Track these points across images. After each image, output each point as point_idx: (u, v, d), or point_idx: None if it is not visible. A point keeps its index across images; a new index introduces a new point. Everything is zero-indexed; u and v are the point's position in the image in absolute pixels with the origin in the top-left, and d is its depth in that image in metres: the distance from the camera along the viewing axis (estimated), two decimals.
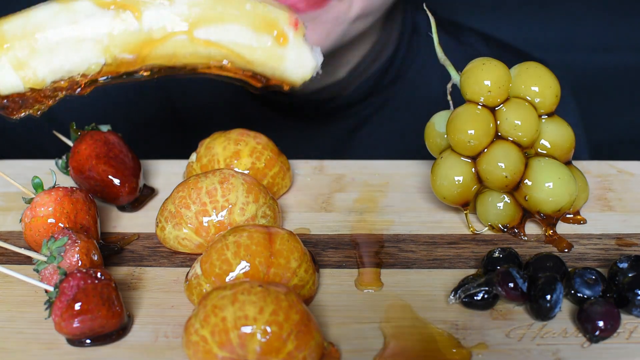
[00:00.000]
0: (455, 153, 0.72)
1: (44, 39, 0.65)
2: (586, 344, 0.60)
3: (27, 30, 0.65)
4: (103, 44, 0.66)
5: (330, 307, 0.65)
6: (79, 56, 0.66)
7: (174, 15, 0.66)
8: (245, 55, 0.68)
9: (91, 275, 0.60)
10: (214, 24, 0.66)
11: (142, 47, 0.66)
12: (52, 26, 0.65)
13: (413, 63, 1.12)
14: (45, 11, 0.66)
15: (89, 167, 0.76)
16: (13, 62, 0.66)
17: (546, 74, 0.72)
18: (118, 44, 0.66)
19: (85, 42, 0.65)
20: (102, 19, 0.65)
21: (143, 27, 0.65)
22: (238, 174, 0.71)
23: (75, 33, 0.65)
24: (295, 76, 0.70)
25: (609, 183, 0.80)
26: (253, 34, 0.67)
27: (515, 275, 0.62)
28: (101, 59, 0.66)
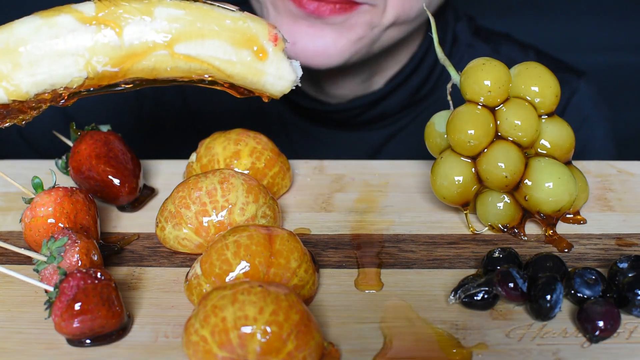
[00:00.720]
0: (455, 153, 0.72)
1: (26, 53, 0.66)
2: (586, 344, 0.60)
3: (9, 44, 0.66)
4: (85, 59, 0.67)
5: (330, 307, 0.65)
6: (61, 70, 0.67)
7: (154, 31, 0.67)
8: (225, 70, 0.69)
9: (91, 275, 0.60)
10: (194, 40, 0.67)
11: (123, 62, 0.67)
12: (35, 41, 0.66)
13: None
14: (27, 25, 0.67)
15: (89, 167, 0.76)
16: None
17: (546, 73, 0.72)
18: (100, 59, 0.67)
19: (67, 56, 0.67)
20: (84, 34, 0.66)
21: (124, 43, 0.67)
22: (238, 174, 0.71)
23: (58, 48, 0.66)
24: (274, 89, 0.71)
25: (609, 183, 0.80)
26: (233, 49, 0.68)
27: (515, 275, 0.62)
28: (83, 73, 0.68)
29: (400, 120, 1.10)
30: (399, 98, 1.08)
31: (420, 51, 1.07)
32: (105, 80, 0.68)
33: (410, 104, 1.09)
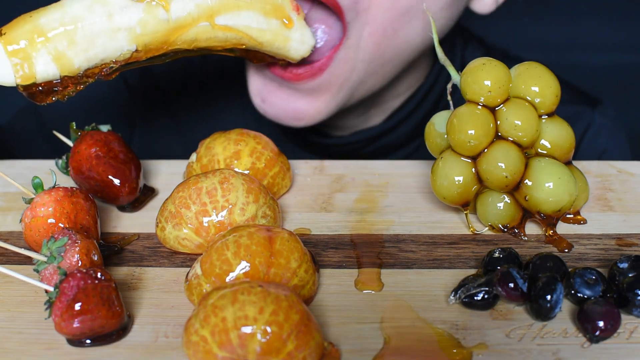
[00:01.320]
0: (455, 153, 0.72)
1: (82, 31, 0.70)
2: (586, 344, 0.60)
3: (65, 23, 0.70)
4: (135, 33, 0.72)
5: (330, 307, 0.65)
6: (113, 45, 0.72)
7: (197, 5, 0.73)
8: (257, 38, 0.76)
9: (91, 275, 0.60)
10: (232, 12, 0.74)
11: (169, 34, 0.73)
12: (89, 18, 0.70)
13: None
14: (80, 4, 0.70)
15: (89, 167, 0.76)
16: (52, 53, 0.70)
17: (546, 74, 0.72)
18: (149, 33, 0.72)
19: (120, 32, 0.71)
20: (135, 11, 0.71)
21: (171, 17, 0.72)
22: (238, 174, 0.71)
23: (112, 24, 0.71)
24: (297, 54, 0.81)
25: (609, 183, 0.80)
26: (264, 19, 0.76)
27: (516, 276, 0.62)
28: (132, 46, 0.72)
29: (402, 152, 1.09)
30: (402, 132, 1.06)
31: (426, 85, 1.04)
32: (151, 52, 0.74)
33: (414, 136, 1.07)
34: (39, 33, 0.70)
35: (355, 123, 1.05)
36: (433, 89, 1.05)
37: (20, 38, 0.70)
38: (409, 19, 0.87)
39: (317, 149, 1.08)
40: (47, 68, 0.71)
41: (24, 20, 0.71)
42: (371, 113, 1.05)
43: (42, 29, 0.70)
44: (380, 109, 1.05)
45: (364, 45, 0.88)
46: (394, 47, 0.90)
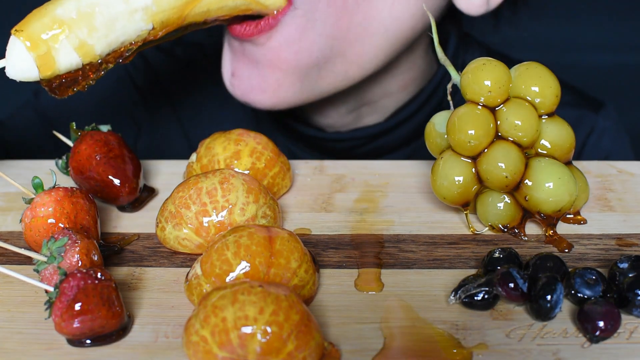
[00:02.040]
0: (455, 153, 0.72)
1: (101, 16, 0.71)
2: (586, 344, 0.60)
3: (82, 11, 0.70)
4: (152, 11, 0.73)
5: (331, 307, 0.65)
6: (132, 27, 0.73)
7: None
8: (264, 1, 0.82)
9: (91, 275, 0.60)
10: None
11: (183, 9, 0.75)
12: (106, 2, 0.71)
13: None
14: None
15: (89, 168, 0.76)
16: (74, 42, 0.70)
17: (546, 74, 0.72)
18: (164, 10, 0.74)
19: (137, 12, 0.72)
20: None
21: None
22: (238, 174, 0.71)
23: (129, 6, 0.72)
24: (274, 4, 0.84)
25: (609, 183, 0.80)
26: None
27: (516, 276, 0.62)
28: (149, 25, 0.73)
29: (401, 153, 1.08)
30: (402, 133, 1.06)
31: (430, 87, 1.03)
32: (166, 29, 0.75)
33: (413, 137, 1.07)
34: (58, 23, 0.69)
35: (348, 121, 1.05)
36: (436, 92, 1.05)
37: (40, 32, 0.69)
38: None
39: (314, 144, 1.08)
40: (69, 58, 0.71)
41: (39, 13, 0.70)
42: (363, 111, 1.05)
43: (60, 20, 0.70)
44: (372, 108, 1.04)
45: (321, 17, 0.86)
46: (360, 24, 0.87)
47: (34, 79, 0.71)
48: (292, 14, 0.85)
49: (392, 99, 1.04)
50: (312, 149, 1.08)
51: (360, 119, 1.05)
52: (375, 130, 1.05)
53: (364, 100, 1.03)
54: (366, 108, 1.04)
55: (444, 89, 1.05)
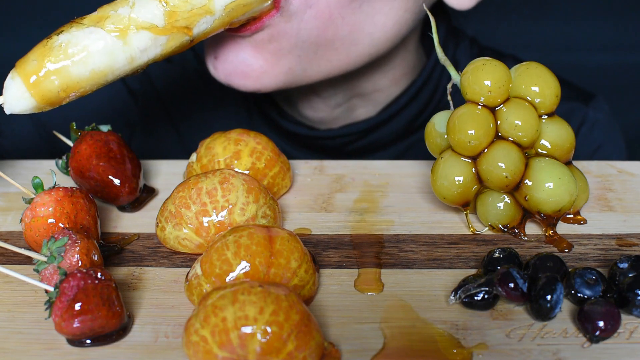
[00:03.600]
0: (455, 153, 0.72)
1: (110, 76, 0.72)
2: (586, 344, 0.60)
3: (93, 72, 0.71)
4: (157, 58, 0.74)
5: (331, 307, 0.65)
6: (134, 71, 0.74)
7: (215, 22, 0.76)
8: None
9: (91, 275, 0.60)
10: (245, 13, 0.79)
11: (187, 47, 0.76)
12: (115, 68, 0.72)
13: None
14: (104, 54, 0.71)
15: (89, 168, 0.76)
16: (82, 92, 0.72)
17: (546, 74, 0.72)
18: (169, 54, 0.75)
19: (144, 64, 0.74)
20: (156, 47, 0.73)
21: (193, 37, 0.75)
22: (238, 174, 0.71)
23: (135, 65, 0.73)
24: None
25: (609, 183, 0.80)
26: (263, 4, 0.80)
27: (516, 276, 0.62)
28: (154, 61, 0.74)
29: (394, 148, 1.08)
30: (393, 128, 1.05)
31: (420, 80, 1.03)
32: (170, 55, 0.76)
33: (405, 133, 1.06)
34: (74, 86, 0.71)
35: (338, 114, 1.05)
36: (427, 85, 1.04)
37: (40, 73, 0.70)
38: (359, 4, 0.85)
39: (308, 143, 1.07)
40: (72, 98, 0.72)
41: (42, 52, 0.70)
42: (354, 104, 1.04)
43: (75, 82, 0.70)
44: (363, 101, 1.04)
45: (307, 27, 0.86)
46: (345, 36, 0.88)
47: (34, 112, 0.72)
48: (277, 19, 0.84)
49: (383, 93, 1.04)
50: (306, 147, 1.08)
51: (351, 112, 1.05)
52: (366, 125, 1.04)
53: (354, 93, 1.02)
54: (357, 100, 1.04)
55: (434, 81, 1.05)
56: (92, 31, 0.70)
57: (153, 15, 0.72)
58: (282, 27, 0.85)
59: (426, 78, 1.04)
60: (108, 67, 0.71)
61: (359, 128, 1.05)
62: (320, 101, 1.02)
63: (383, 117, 1.04)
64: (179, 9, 0.73)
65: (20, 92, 0.70)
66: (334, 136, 1.05)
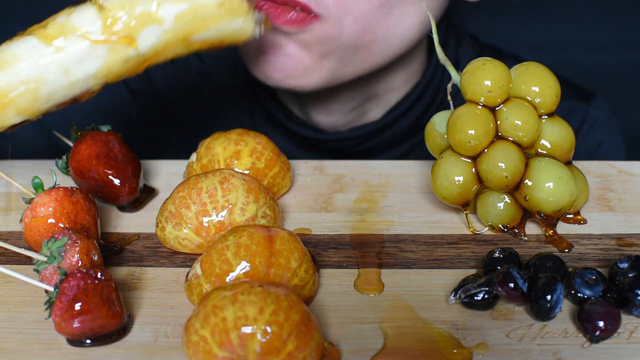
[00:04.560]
0: (455, 153, 0.72)
1: (44, 87, 0.67)
2: (586, 344, 0.60)
3: (25, 82, 0.67)
4: (102, 74, 0.68)
5: (331, 307, 0.65)
6: (76, 92, 0.69)
7: (168, 34, 0.69)
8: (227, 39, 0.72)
9: (91, 275, 0.60)
10: (204, 31, 0.70)
11: (141, 64, 0.70)
12: (46, 77, 0.67)
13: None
14: (32, 59, 0.66)
15: (89, 168, 0.76)
16: (17, 110, 0.68)
17: (546, 74, 0.72)
18: (117, 71, 0.69)
19: (79, 82, 0.68)
20: (95, 59, 0.67)
21: (140, 50, 0.68)
22: (238, 174, 0.71)
23: (69, 79, 0.67)
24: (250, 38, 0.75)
25: (609, 183, 0.80)
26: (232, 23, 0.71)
27: (516, 276, 0.62)
28: (102, 81, 0.69)
29: (399, 149, 1.08)
30: (399, 129, 1.06)
31: (424, 80, 1.04)
32: (125, 77, 0.71)
33: (410, 133, 1.07)
34: (1, 95, 0.67)
35: (350, 119, 1.05)
36: (430, 84, 1.05)
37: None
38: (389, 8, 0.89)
39: (313, 145, 1.07)
40: (13, 119, 0.69)
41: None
42: (367, 107, 1.05)
43: (3, 92, 0.67)
44: (376, 103, 1.05)
45: (347, 31, 0.89)
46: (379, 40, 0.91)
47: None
48: (320, 25, 0.87)
49: (395, 93, 1.05)
50: (311, 149, 1.08)
51: (362, 116, 1.06)
52: (373, 127, 1.05)
53: (369, 95, 1.03)
54: (370, 104, 1.05)
55: (438, 81, 1.06)
56: (25, 39, 0.67)
57: (88, 22, 0.66)
58: (327, 32, 0.88)
59: (429, 78, 1.05)
60: (39, 78, 0.66)
61: (366, 130, 1.05)
62: (337, 106, 1.03)
63: (389, 119, 1.05)
64: (118, 15, 0.66)
65: None
66: (341, 139, 1.06)
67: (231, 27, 0.71)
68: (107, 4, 0.66)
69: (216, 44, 0.72)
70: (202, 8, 0.68)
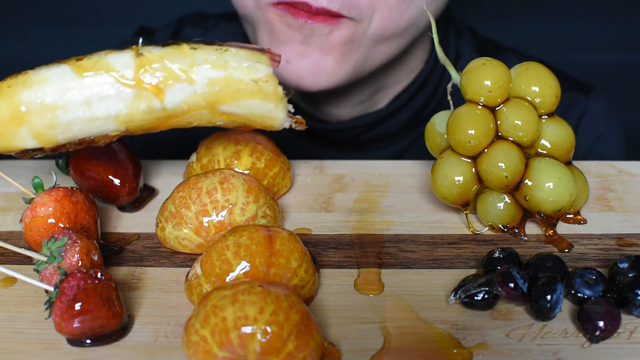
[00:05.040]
0: (455, 153, 0.72)
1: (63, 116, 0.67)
2: (586, 344, 0.60)
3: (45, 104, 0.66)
4: (123, 120, 0.68)
5: (331, 307, 0.65)
6: (93, 130, 0.68)
7: (197, 96, 0.68)
8: (254, 121, 0.71)
9: (91, 275, 0.60)
10: (233, 102, 0.69)
11: (163, 121, 0.69)
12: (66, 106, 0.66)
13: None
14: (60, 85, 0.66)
15: (89, 167, 0.76)
16: (32, 132, 0.67)
17: (546, 74, 0.72)
18: (139, 120, 0.68)
19: (99, 120, 0.67)
20: (119, 100, 0.67)
21: (165, 106, 0.67)
22: (238, 174, 0.71)
23: (90, 114, 0.67)
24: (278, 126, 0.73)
25: (609, 183, 0.80)
26: (262, 104, 0.70)
27: (516, 276, 0.62)
28: (122, 128, 0.68)
29: (402, 141, 1.09)
30: (402, 118, 1.07)
31: (426, 70, 1.05)
32: (144, 131, 0.70)
33: (413, 123, 1.08)
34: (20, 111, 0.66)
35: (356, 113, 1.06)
36: (432, 75, 1.06)
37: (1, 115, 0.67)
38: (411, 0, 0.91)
39: (317, 135, 1.08)
40: (27, 142, 0.68)
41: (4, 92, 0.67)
42: (375, 99, 1.06)
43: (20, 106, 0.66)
44: (383, 95, 1.06)
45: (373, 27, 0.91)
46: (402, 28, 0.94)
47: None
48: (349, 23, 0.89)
49: (401, 84, 1.06)
50: (314, 139, 1.09)
51: (370, 108, 1.07)
52: (376, 116, 1.06)
53: (378, 87, 1.04)
54: (377, 96, 1.06)
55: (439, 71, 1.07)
56: (58, 66, 0.67)
57: (123, 64, 0.66)
58: (354, 30, 0.90)
59: (432, 68, 1.06)
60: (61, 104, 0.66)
61: (369, 120, 1.06)
62: (347, 99, 1.04)
63: (392, 109, 1.06)
64: (152, 65, 0.66)
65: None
66: (345, 129, 1.07)
67: (261, 109, 0.70)
68: (145, 52, 0.67)
69: (243, 121, 0.71)
70: (237, 80, 0.68)
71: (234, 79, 0.68)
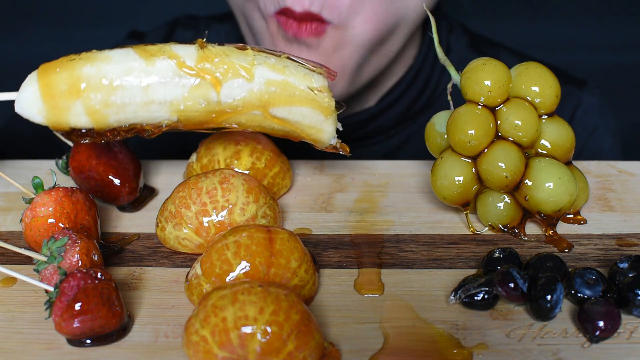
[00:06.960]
0: (455, 153, 0.72)
1: (120, 96, 0.67)
2: (586, 344, 0.60)
3: (104, 81, 0.67)
4: (176, 109, 0.68)
5: (331, 307, 0.65)
6: (145, 114, 0.68)
7: (252, 93, 0.69)
8: (304, 131, 0.72)
9: (91, 275, 0.60)
10: (287, 106, 0.70)
11: (216, 116, 0.69)
12: (127, 85, 0.67)
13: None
14: (123, 65, 0.67)
15: (89, 167, 0.76)
16: (86, 108, 0.67)
17: (546, 74, 0.72)
18: (192, 109, 0.69)
19: (154, 104, 0.68)
20: (179, 88, 0.67)
21: (220, 99, 0.68)
22: (238, 174, 0.71)
23: (146, 97, 0.67)
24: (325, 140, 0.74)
25: (609, 183, 0.80)
26: (313, 114, 0.71)
27: (516, 276, 0.62)
28: (174, 117, 0.69)
29: (398, 135, 1.09)
30: (394, 113, 1.07)
31: (416, 64, 1.06)
32: (192, 126, 0.70)
33: (404, 119, 1.08)
34: (79, 85, 0.66)
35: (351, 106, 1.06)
36: (422, 69, 1.06)
37: (59, 86, 0.66)
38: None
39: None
40: (79, 120, 0.68)
41: (67, 65, 0.67)
42: (366, 95, 1.06)
43: (82, 81, 0.66)
44: (375, 90, 1.06)
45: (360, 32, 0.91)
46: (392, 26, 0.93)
47: (40, 124, 0.69)
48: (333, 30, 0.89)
49: (392, 79, 1.06)
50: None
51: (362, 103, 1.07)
52: (369, 113, 1.06)
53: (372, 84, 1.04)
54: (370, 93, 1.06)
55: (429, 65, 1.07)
56: (124, 49, 0.68)
57: (186, 53, 0.67)
58: (341, 36, 0.90)
59: (421, 64, 1.06)
60: (120, 83, 0.66)
61: (362, 117, 1.06)
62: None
63: (385, 105, 1.06)
64: (215, 58, 0.67)
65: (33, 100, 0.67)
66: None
67: (312, 119, 0.71)
68: (209, 46, 0.68)
69: (292, 130, 0.72)
70: (293, 86, 0.69)
71: (290, 83, 0.69)
